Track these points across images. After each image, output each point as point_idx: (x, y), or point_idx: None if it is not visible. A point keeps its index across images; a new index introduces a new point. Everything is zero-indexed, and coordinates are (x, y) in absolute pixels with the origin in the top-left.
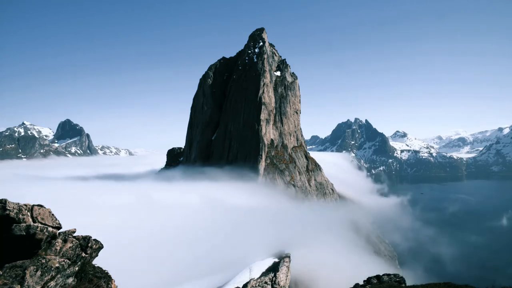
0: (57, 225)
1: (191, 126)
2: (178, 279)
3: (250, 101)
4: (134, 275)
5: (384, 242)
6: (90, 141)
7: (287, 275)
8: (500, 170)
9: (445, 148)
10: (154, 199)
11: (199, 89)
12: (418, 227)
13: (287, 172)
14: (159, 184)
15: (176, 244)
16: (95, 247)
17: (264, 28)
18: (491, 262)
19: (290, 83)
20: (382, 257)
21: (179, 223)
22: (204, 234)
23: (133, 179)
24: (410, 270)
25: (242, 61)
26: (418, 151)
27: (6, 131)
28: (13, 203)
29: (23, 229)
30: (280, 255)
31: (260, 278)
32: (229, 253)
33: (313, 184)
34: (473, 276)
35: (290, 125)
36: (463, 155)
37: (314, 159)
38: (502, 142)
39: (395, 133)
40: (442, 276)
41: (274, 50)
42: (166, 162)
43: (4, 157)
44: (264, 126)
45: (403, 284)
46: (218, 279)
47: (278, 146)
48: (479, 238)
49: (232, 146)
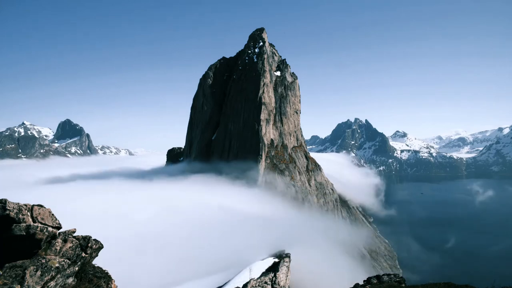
0: (57, 225)
1: (191, 126)
2: (178, 279)
3: (250, 101)
4: (134, 275)
5: (384, 242)
6: (90, 141)
7: (287, 275)
8: (500, 170)
9: (445, 148)
10: (154, 200)
11: (199, 89)
12: (418, 227)
13: (287, 172)
14: (159, 185)
15: (176, 244)
16: (95, 247)
17: (264, 28)
18: (491, 262)
19: (290, 83)
20: (381, 257)
21: (179, 223)
22: (204, 235)
23: (134, 179)
24: (410, 270)
25: (242, 61)
26: (418, 151)
27: (6, 131)
28: (13, 203)
29: (23, 229)
30: (280, 255)
31: (260, 278)
32: (229, 253)
33: (313, 184)
34: (473, 276)
35: (290, 125)
36: (463, 155)
37: (314, 159)
38: (502, 142)
39: (395, 133)
40: (442, 276)
41: (274, 50)
42: (166, 162)
43: (4, 157)
44: (264, 126)
45: (403, 284)
46: (218, 279)
47: (278, 146)
48: (479, 238)
49: (232, 146)
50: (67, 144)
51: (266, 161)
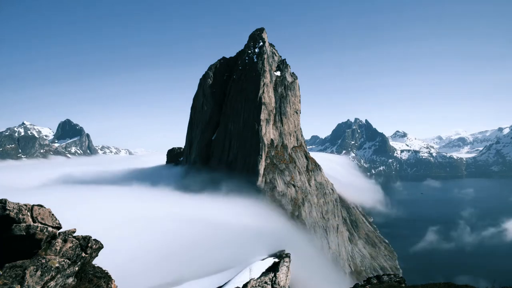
0: (57, 225)
1: (191, 126)
2: (178, 279)
3: (250, 101)
4: (134, 275)
5: (384, 242)
6: (90, 141)
7: (287, 275)
8: (500, 170)
9: (445, 148)
10: (155, 200)
11: (199, 89)
12: (418, 227)
13: (287, 172)
14: (159, 186)
15: (176, 245)
16: (95, 247)
17: (264, 28)
18: (491, 262)
19: (290, 83)
20: (381, 257)
21: (179, 223)
22: (204, 235)
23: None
24: (410, 270)
25: (242, 61)
26: (418, 151)
27: (6, 131)
28: (13, 203)
29: (23, 229)
30: (280, 255)
31: (260, 278)
32: (229, 253)
33: (313, 184)
34: (473, 276)
35: (290, 125)
36: (463, 155)
37: (314, 159)
38: (502, 142)
39: (395, 133)
40: (442, 276)
41: (274, 50)
42: (166, 162)
43: (4, 157)
44: (264, 126)
45: (403, 284)
46: (218, 279)
47: (278, 146)
48: (479, 238)
49: (232, 146)
50: (67, 144)
51: (266, 161)
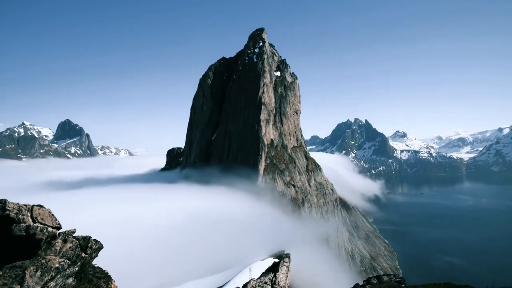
0: (57, 225)
1: (191, 127)
2: (178, 279)
3: (250, 101)
4: (134, 275)
5: (384, 242)
6: (90, 141)
7: (287, 275)
8: (500, 170)
9: (445, 148)
10: (154, 201)
11: (199, 89)
12: (418, 227)
13: (287, 172)
14: (159, 186)
15: (176, 245)
16: (95, 247)
17: (264, 28)
18: (491, 262)
19: (290, 83)
20: (381, 257)
21: (179, 224)
22: (204, 235)
23: (134, 179)
24: (410, 270)
25: (242, 61)
26: (418, 151)
27: (6, 131)
28: (13, 203)
29: (23, 229)
30: (280, 255)
31: (260, 278)
32: (229, 253)
33: (313, 184)
34: (473, 276)
35: (290, 125)
36: (463, 155)
37: (314, 159)
38: (502, 142)
39: (395, 133)
40: (442, 276)
41: (274, 50)
42: (166, 162)
43: (4, 157)
44: (264, 126)
45: (403, 284)
46: (218, 279)
47: (278, 146)
48: (479, 238)
49: (232, 146)
50: (67, 144)
51: (266, 161)
